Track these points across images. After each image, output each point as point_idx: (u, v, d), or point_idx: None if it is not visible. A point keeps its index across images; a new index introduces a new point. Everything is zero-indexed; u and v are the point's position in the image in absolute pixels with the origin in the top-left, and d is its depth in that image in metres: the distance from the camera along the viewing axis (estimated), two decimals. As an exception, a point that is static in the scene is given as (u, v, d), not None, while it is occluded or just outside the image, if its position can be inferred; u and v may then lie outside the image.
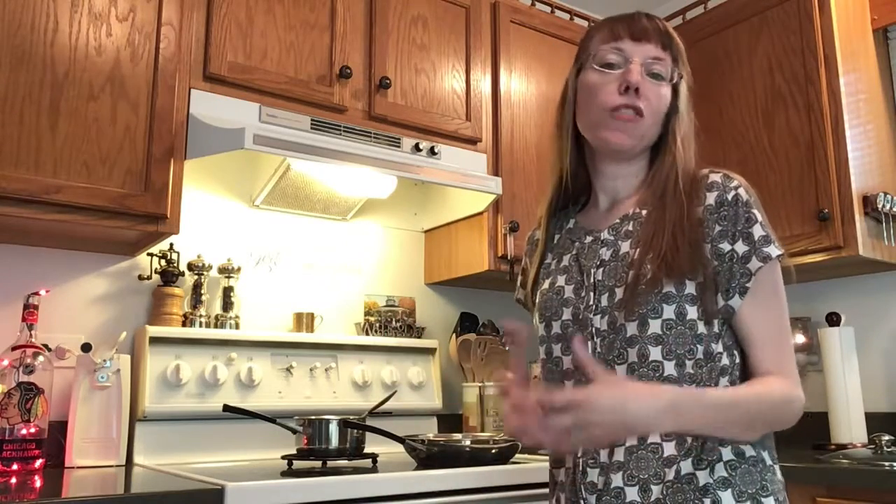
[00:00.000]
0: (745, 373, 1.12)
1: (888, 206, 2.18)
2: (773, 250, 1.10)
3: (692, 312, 1.09)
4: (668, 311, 1.09)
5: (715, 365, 1.10)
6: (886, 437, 1.96)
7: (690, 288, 1.09)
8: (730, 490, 1.06)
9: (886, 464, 1.71)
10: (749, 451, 1.09)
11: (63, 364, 1.85)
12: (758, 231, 1.10)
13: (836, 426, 2.24)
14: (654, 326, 1.09)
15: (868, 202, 2.17)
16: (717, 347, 1.10)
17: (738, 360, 1.12)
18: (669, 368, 1.09)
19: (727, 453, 1.08)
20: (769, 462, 1.12)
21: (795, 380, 1.09)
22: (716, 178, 1.15)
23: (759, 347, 1.10)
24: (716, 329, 1.10)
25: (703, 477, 1.06)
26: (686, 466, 1.06)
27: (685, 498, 1.05)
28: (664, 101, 1.19)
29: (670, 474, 1.06)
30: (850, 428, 2.21)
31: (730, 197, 1.12)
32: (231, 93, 1.93)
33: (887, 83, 2.45)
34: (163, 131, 1.81)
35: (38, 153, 1.65)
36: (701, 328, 1.10)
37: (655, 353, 1.09)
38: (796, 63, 2.32)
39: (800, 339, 2.47)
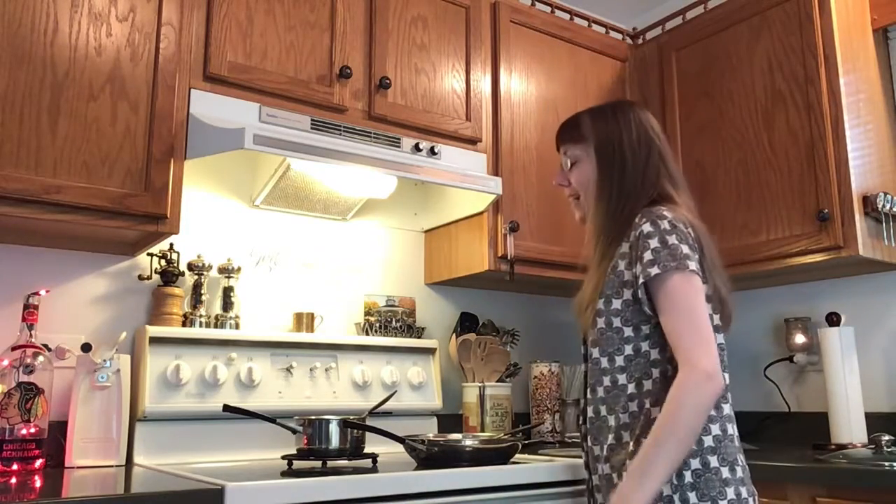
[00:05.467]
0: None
1: (888, 206, 2.18)
2: (655, 270, 1.39)
3: (617, 322, 1.46)
4: (600, 322, 1.48)
5: (642, 360, 1.44)
6: (886, 437, 1.96)
7: (616, 304, 1.46)
8: (695, 492, 1.35)
9: (886, 464, 1.71)
10: (713, 462, 1.38)
11: (63, 364, 1.85)
12: (647, 256, 1.40)
13: (836, 426, 2.24)
14: (592, 334, 1.51)
15: (868, 202, 2.17)
16: (646, 345, 1.44)
17: (669, 354, 1.40)
18: (604, 363, 1.49)
19: (695, 462, 1.37)
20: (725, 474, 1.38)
21: (694, 362, 1.32)
22: (636, 220, 1.46)
23: (670, 336, 1.38)
24: (645, 331, 1.44)
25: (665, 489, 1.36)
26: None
27: None
28: (585, 177, 1.60)
29: None
30: (850, 428, 2.21)
31: (635, 234, 1.44)
32: (231, 93, 1.93)
33: (887, 83, 2.45)
34: (163, 131, 1.81)
35: (38, 153, 1.65)
36: (628, 332, 1.45)
37: (594, 352, 1.52)
38: (796, 63, 2.31)
39: (800, 339, 2.48)
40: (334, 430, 1.79)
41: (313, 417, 1.82)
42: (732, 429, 1.43)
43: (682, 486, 1.36)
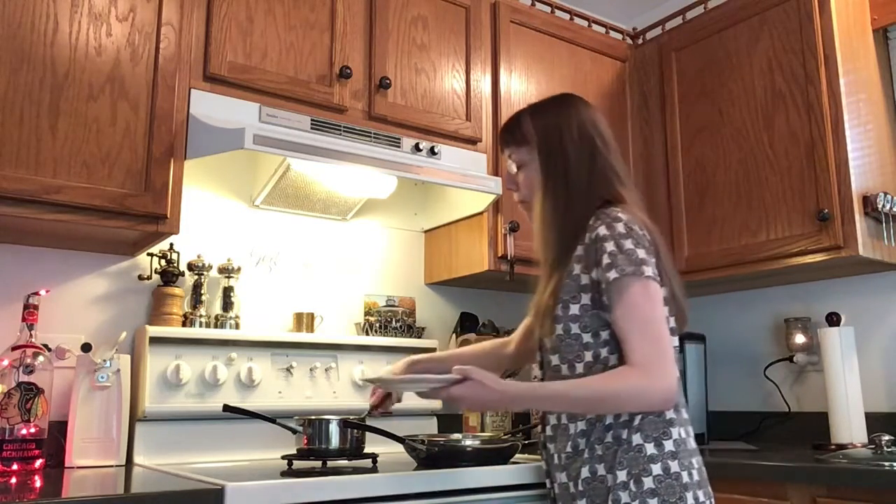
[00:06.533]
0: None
1: (888, 206, 2.17)
2: (613, 274, 1.35)
3: (575, 328, 1.42)
4: (558, 328, 1.43)
5: (601, 366, 1.40)
6: (886, 437, 1.95)
7: (573, 310, 1.42)
8: (656, 498, 1.34)
9: (886, 464, 1.71)
10: (674, 468, 1.37)
11: (63, 364, 1.85)
12: (605, 260, 1.37)
13: (836, 426, 2.24)
14: (550, 340, 1.46)
15: (868, 202, 2.17)
16: (605, 352, 1.40)
17: None
18: (564, 370, 1.45)
19: (656, 468, 1.36)
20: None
21: (649, 370, 1.31)
22: (590, 222, 1.43)
23: (623, 344, 1.35)
24: (604, 337, 1.40)
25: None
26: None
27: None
28: (532, 181, 1.54)
29: None
30: (850, 428, 2.21)
31: (591, 236, 1.41)
32: (231, 93, 1.93)
33: (887, 83, 2.45)
34: (163, 131, 1.81)
35: (38, 153, 1.65)
36: (587, 338, 1.41)
37: (553, 359, 1.47)
38: (796, 63, 2.31)
39: (800, 339, 2.47)
40: (334, 430, 1.79)
41: (313, 417, 1.82)
42: (686, 432, 1.42)
43: (641, 492, 1.33)
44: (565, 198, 1.47)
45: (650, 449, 1.36)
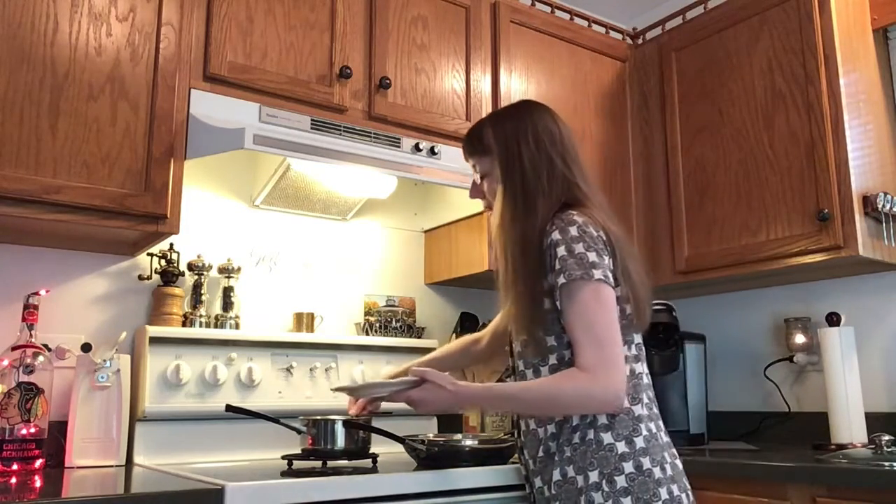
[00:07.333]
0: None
1: (888, 206, 2.17)
2: (562, 279, 1.38)
3: (539, 332, 1.44)
4: (523, 333, 1.46)
5: (566, 368, 1.40)
6: (886, 437, 1.95)
7: (537, 314, 1.43)
8: (629, 497, 1.35)
9: (886, 464, 1.71)
10: (646, 464, 1.38)
11: (63, 364, 1.85)
12: (557, 265, 1.40)
13: (836, 426, 2.24)
14: (517, 346, 1.52)
15: (868, 202, 2.16)
16: (569, 354, 1.41)
17: None
18: (529, 375, 1.49)
19: (629, 466, 1.37)
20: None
21: (595, 373, 1.33)
22: (547, 227, 1.45)
23: (573, 346, 1.38)
24: (567, 340, 1.41)
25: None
26: None
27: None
28: (494, 188, 1.57)
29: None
30: (850, 428, 2.21)
31: (546, 241, 1.43)
32: (231, 93, 1.93)
33: (887, 83, 2.44)
34: (163, 131, 1.81)
35: (38, 153, 1.65)
36: (551, 342, 1.45)
37: (520, 364, 1.53)
38: (796, 63, 2.31)
39: (800, 339, 2.47)
40: (339, 430, 1.78)
41: (318, 418, 1.80)
42: (656, 427, 1.44)
43: (614, 492, 1.34)
44: (524, 203, 1.49)
45: (622, 447, 1.38)
